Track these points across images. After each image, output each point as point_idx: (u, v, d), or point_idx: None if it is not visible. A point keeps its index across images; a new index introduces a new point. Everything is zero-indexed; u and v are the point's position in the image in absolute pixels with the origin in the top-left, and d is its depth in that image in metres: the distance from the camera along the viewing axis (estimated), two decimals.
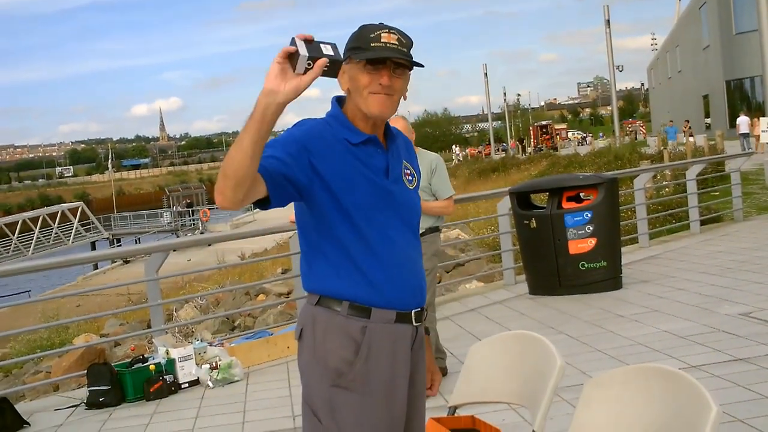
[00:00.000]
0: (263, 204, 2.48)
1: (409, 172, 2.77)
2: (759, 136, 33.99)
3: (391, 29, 2.60)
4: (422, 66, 2.64)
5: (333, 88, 2.70)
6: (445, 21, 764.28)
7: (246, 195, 2.35)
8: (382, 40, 2.56)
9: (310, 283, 2.66)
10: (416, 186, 2.79)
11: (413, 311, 2.68)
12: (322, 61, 2.25)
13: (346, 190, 2.56)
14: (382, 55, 2.54)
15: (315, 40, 2.27)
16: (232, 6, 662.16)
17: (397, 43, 2.57)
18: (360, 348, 2.58)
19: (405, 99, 2.69)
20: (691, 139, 34.41)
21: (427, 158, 6.26)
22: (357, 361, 2.57)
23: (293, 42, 2.25)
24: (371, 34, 2.57)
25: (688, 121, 45.26)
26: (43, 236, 49.27)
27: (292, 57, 2.24)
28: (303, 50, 2.23)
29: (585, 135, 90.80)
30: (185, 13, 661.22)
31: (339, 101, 2.70)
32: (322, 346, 2.60)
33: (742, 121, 35.60)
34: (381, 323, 2.60)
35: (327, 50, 2.27)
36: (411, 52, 2.62)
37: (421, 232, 5.45)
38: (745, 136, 34.32)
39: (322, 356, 2.59)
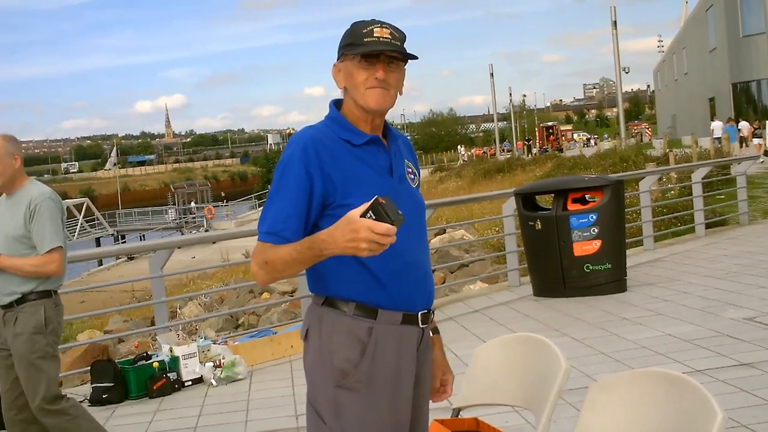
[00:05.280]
0: None
1: (411, 170, 2.78)
2: (743, 137, 33.91)
3: (383, 24, 2.60)
4: (416, 58, 2.64)
5: (336, 85, 2.72)
6: (445, 22, 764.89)
7: None
8: (375, 35, 2.57)
9: (317, 286, 2.66)
10: (418, 185, 2.80)
11: (420, 313, 2.67)
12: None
13: (351, 191, 2.56)
14: (376, 48, 2.55)
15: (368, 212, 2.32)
16: (235, 4, 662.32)
17: (390, 36, 2.58)
18: (366, 349, 2.57)
19: (401, 94, 2.70)
20: (756, 141, 32.84)
21: (26, 196, 4.59)
22: (362, 362, 2.56)
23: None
24: (364, 29, 2.58)
25: (759, 121, 39.03)
26: None
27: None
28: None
29: (590, 137, 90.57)
30: (188, 11, 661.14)
31: (336, 104, 2.71)
32: (327, 346, 2.59)
33: (716, 126, 35.61)
34: (387, 324, 2.59)
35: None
36: (405, 46, 2.62)
37: (12, 299, 4.57)
38: (719, 140, 34.18)
39: (327, 356, 2.58)
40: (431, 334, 2.82)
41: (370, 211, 2.28)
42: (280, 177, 2.58)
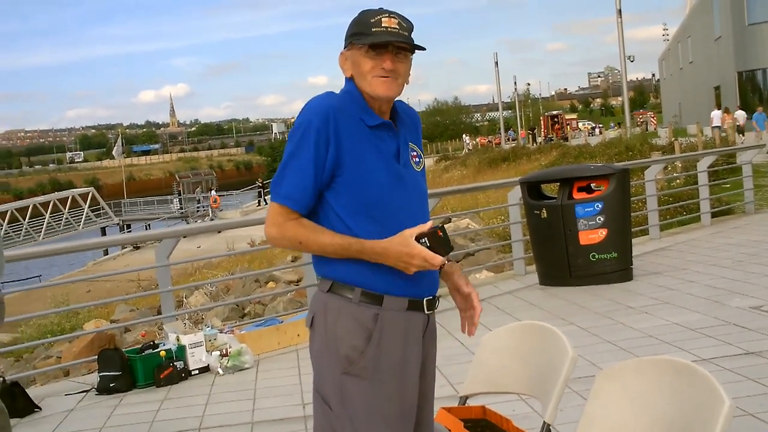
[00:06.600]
0: None
1: (415, 154, 2.76)
2: (738, 126, 33.77)
3: (391, 13, 2.60)
4: (424, 49, 2.64)
5: (340, 74, 2.71)
6: (449, 10, 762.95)
7: None
8: (383, 25, 2.57)
9: (323, 268, 2.66)
10: (423, 168, 2.79)
11: (425, 299, 2.68)
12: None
13: (362, 173, 2.56)
14: (385, 39, 2.55)
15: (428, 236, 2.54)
16: None
17: (398, 27, 2.58)
18: (372, 335, 2.57)
19: (408, 84, 2.70)
20: None
21: None
22: (368, 348, 2.57)
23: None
24: (372, 18, 2.58)
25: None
26: (54, 221, 49.30)
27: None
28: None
29: (595, 125, 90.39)
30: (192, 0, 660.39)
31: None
32: (333, 333, 2.60)
33: (715, 115, 35.62)
34: (393, 311, 2.60)
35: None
36: (412, 36, 2.62)
37: None
38: (719, 128, 34.08)
39: (333, 343, 2.59)
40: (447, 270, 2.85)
41: (426, 238, 2.48)
42: (299, 141, 2.56)
